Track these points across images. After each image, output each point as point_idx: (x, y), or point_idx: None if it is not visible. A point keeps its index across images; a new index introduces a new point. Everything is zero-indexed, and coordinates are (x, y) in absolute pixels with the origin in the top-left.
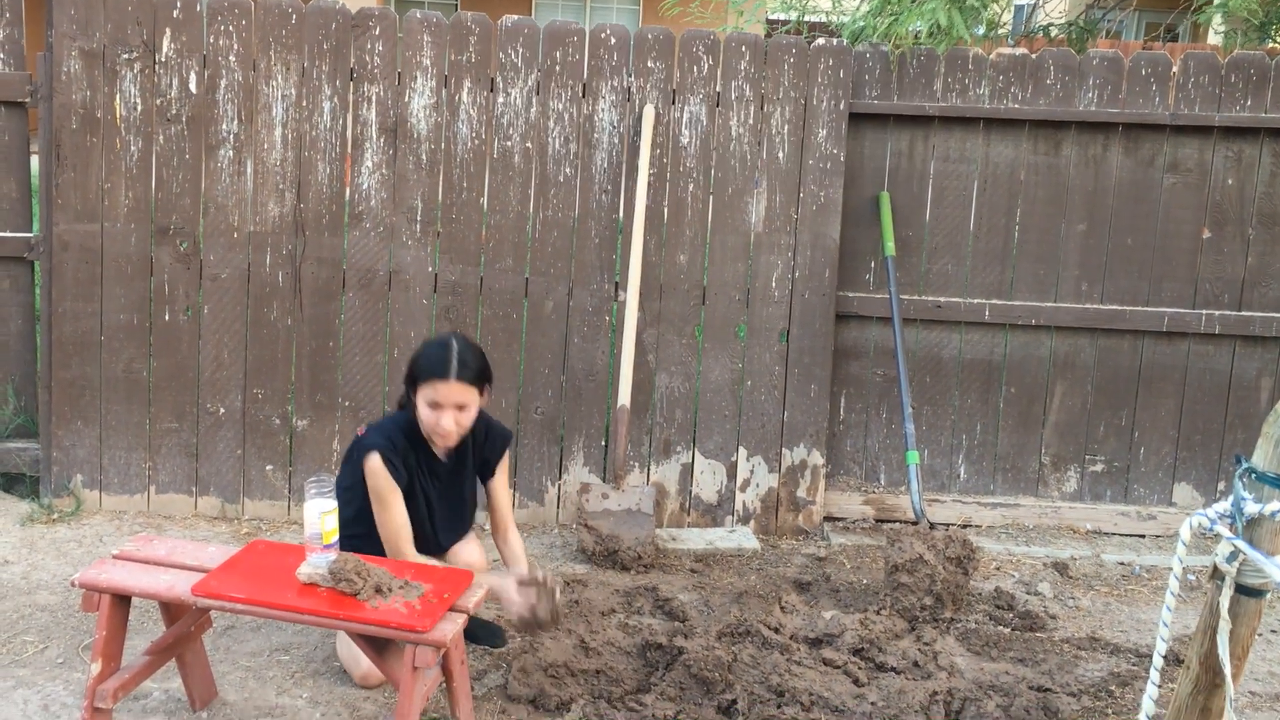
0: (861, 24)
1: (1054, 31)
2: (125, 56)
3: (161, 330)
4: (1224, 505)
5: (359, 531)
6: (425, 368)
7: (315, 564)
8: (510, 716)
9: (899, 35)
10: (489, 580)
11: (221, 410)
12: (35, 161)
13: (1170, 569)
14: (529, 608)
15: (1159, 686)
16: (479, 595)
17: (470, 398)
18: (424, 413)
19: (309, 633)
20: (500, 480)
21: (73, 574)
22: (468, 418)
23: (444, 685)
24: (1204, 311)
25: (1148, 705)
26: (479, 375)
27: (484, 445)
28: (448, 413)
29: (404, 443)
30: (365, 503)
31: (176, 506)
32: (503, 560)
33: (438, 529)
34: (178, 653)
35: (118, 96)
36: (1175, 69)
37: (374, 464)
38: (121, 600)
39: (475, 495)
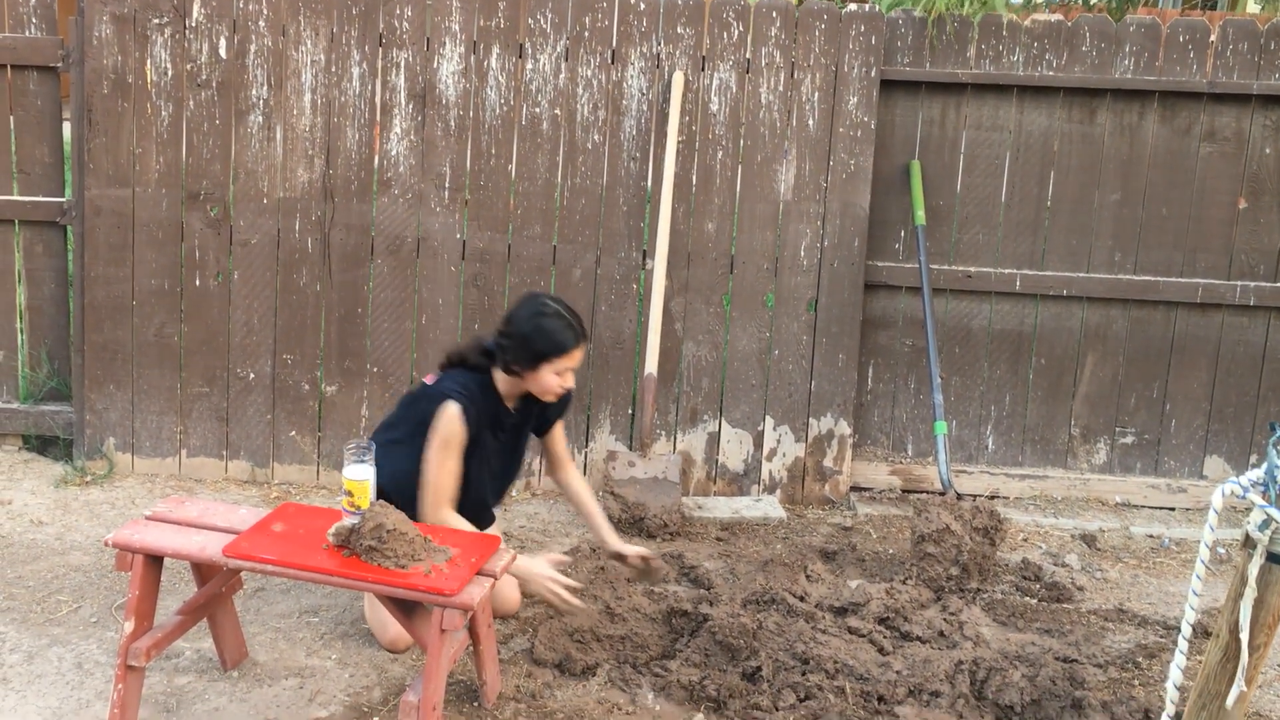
0: None
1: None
2: (156, 21)
3: (192, 295)
4: (1257, 473)
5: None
6: (557, 343)
7: (346, 526)
8: (536, 680)
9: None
10: (526, 568)
11: (251, 375)
12: (67, 127)
13: (1200, 541)
14: (553, 588)
15: (1187, 656)
16: (506, 559)
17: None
18: (549, 381)
19: (338, 595)
20: (558, 431)
21: (106, 535)
22: None
23: (471, 648)
24: (1239, 283)
25: (1175, 675)
26: None
27: (550, 403)
28: (571, 372)
29: (480, 397)
30: (413, 448)
31: (207, 470)
32: (573, 497)
33: (491, 481)
34: (209, 613)
35: (149, 61)
36: (1214, 36)
37: (452, 410)
38: (154, 560)
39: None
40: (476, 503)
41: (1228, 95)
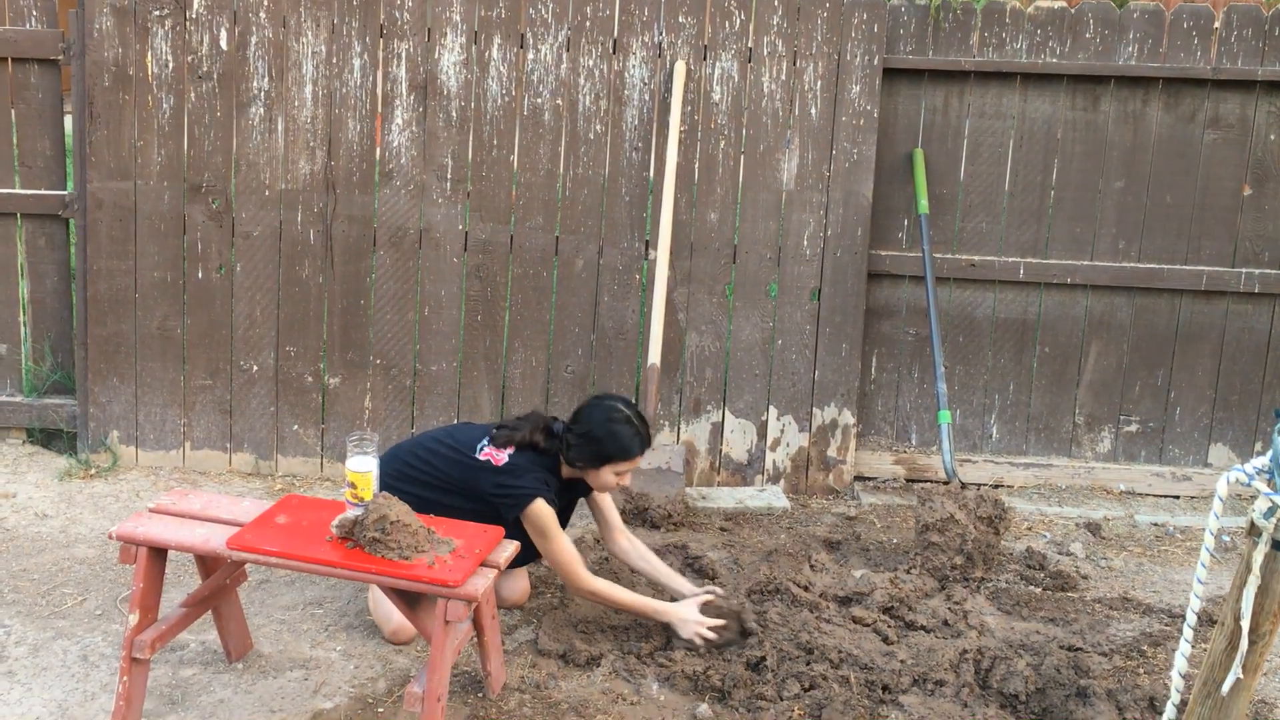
0: None
1: None
2: (156, 13)
3: (195, 288)
4: (1262, 461)
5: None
6: (625, 449)
7: (349, 518)
8: (541, 671)
9: None
10: (668, 610)
11: (254, 368)
12: (69, 120)
13: (1205, 529)
14: (702, 631)
15: (1192, 644)
16: (509, 551)
17: None
18: (608, 480)
19: (342, 587)
20: (607, 495)
21: (110, 528)
22: None
23: (475, 639)
24: (1243, 270)
25: (1180, 663)
26: None
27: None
28: (630, 474)
29: (554, 482)
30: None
31: (211, 463)
32: (635, 563)
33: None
34: (213, 605)
35: (149, 53)
36: (1218, 22)
37: (541, 508)
38: (158, 553)
39: None
40: (521, 562)
41: (1232, 81)
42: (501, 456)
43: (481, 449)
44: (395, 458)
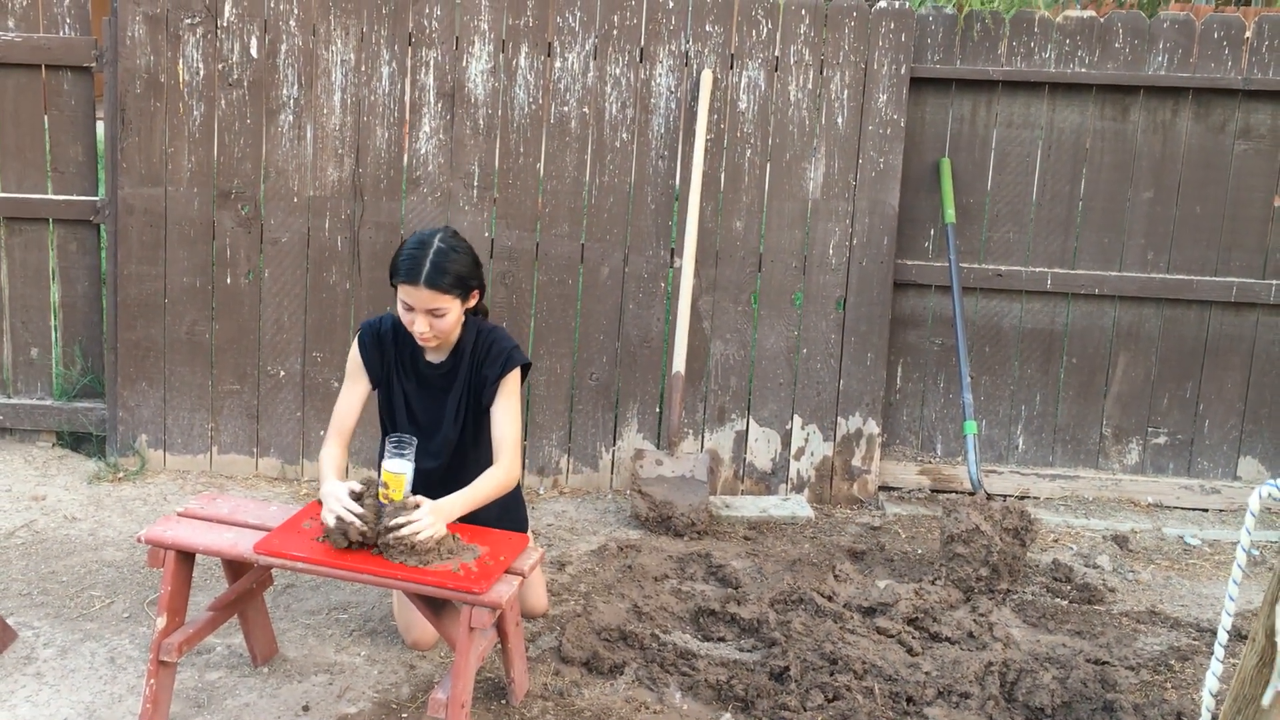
0: None
1: None
2: (188, 21)
3: (223, 293)
4: None
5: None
6: (398, 266)
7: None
8: (564, 678)
9: None
10: (324, 482)
11: (282, 373)
12: (100, 126)
13: (1235, 543)
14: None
15: (1223, 662)
16: (535, 558)
17: (446, 304)
18: (400, 312)
19: (367, 592)
20: (499, 407)
21: (138, 531)
22: (445, 323)
23: (499, 646)
24: (1274, 282)
25: (1211, 681)
26: (457, 283)
27: (484, 361)
28: (419, 316)
29: (391, 334)
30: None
31: (238, 467)
32: None
33: (414, 431)
34: (240, 609)
35: (181, 61)
36: (1249, 32)
37: (354, 343)
38: (186, 557)
39: (470, 424)
40: None
41: (1263, 92)
42: None
43: None
44: None
